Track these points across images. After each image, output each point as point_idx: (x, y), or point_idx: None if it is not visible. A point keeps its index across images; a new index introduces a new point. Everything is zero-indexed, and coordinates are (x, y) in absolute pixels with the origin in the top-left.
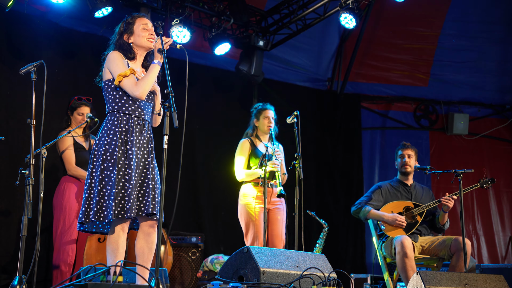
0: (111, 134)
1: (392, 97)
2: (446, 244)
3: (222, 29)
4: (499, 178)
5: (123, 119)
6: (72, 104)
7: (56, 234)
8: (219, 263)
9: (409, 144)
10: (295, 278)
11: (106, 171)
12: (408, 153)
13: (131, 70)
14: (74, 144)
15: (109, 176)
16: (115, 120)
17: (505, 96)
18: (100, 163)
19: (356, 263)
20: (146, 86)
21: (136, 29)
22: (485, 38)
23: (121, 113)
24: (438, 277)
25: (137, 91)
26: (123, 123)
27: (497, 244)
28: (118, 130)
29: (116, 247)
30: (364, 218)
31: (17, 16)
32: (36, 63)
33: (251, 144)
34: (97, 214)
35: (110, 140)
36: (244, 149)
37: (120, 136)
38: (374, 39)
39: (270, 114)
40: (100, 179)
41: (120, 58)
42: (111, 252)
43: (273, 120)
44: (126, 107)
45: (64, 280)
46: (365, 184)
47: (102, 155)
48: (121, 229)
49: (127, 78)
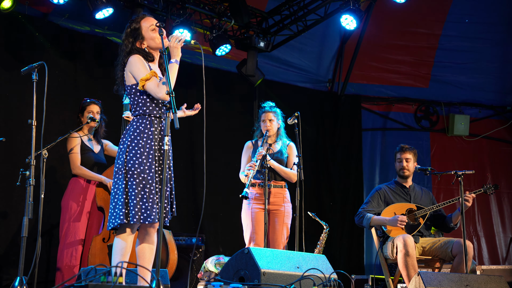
0: (144, 138)
1: (392, 98)
2: (448, 246)
3: (222, 30)
4: (499, 180)
5: (145, 122)
6: (82, 104)
7: (61, 235)
8: (219, 264)
9: (408, 147)
10: (295, 279)
11: (144, 174)
12: (406, 156)
13: (152, 72)
14: (81, 145)
15: (146, 180)
16: (147, 123)
17: (506, 97)
18: (134, 167)
19: (354, 264)
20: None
21: (145, 33)
22: (486, 39)
23: (152, 117)
24: (439, 278)
25: (161, 93)
26: (147, 127)
27: (497, 245)
28: (149, 133)
29: (124, 246)
30: (368, 226)
31: (18, 17)
32: (37, 64)
33: (254, 145)
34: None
35: (134, 145)
36: (245, 151)
37: (146, 141)
38: (374, 40)
39: (266, 117)
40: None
41: (141, 61)
42: (118, 251)
43: (271, 123)
44: (149, 109)
45: (64, 281)
46: (365, 185)
47: (136, 158)
48: (131, 229)
49: (150, 81)
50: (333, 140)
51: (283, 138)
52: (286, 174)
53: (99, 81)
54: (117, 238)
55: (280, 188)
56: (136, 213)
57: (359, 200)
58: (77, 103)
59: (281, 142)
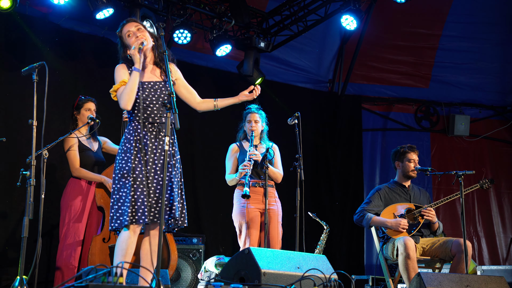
0: (127, 143)
1: (393, 99)
2: (447, 246)
3: (223, 31)
4: (500, 180)
5: (137, 127)
6: (78, 101)
7: (61, 235)
8: (220, 264)
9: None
10: (296, 280)
11: (122, 179)
12: (415, 158)
13: (121, 82)
14: (79, 145)
15: (125, 184)
16: (131, 129)
17: (506, 98)
18: (117, 171)
19: (354, 264)
20: (126, 97)
21: (125, 41)
22: (486, 39)
23: (136, 122)
24: (439, 278)
25: (121, 104)
26: (137, 131)
27: (498, 245)
28: (133, 139)
29: (125, 247)
30: (368, 226)
31: (18, 18)
32: (37, 64)
33: (240, 147)
34: (117, 221)
35: (126, 149)
36: (230, 153)
37: (136, 144)
38: (375, 40)
39: (252, 117)
40: (118, 187)
41: (121, 70)
42: (119, 252)
43: (257, 124)
44: (139, 116)
45: (64, 282)
46: (365, 186)
47: (119, 164)
48: (132, 230)
49: (117, 91)
50: (333, 141)
51: (266, 141)
52: (275, 174)
53: (99, 81)
54: (118, 238)
55: (272, 187)
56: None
57: (359, 200)
58: None
59: (264, 144)
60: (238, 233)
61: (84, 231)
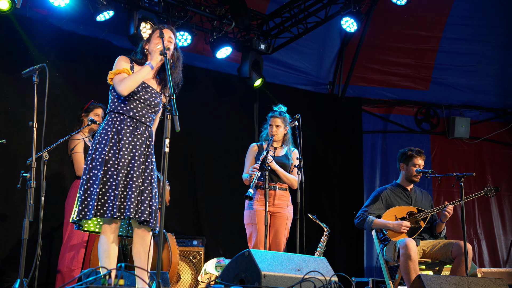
0: (103, 134)
1: (393, 101)
2: (447, 248)
3: (223, 33)
4: (500, 182)
5: (117, 119)
6: (89, 105)
7: (65, 237)
8: (220, 266)
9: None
10: (296, 282)
11: (94, 170)
12: (421, 163)
13: (124, 69)
14: (84, 146)
15: (96, 175)
16: (110, 121)
17: (506, 100)
18: (89, 162)
19: (354, 267)
20: (130, 83)
21: (153, 38)
22: (486, 41)
23: (116, 113)
24: (440, 280)
25: (120, 87)
26: (116, 123)
27: (498, 248)
28: (111, 130)
29: (107, 248)
30: (369, 228)
31: (18, 19)
32: (38, 66)
33: (260, 147)
34: (81, 213)
35: (101, 140)
36: (249, 153)
37: (113, 136)
38: (375, 43)
39: (274, 122)
40: (88, 178)
41: (123, 60)
42: (102, 253)
43: (278, 129)
44: (121, 107)
45: (64, 284)
46: (366, 188)
47: (91, 154)
48: (109, 230)
49: (118, 75)
50: (333, 143)
51: (289, 145)
52: (288, 179)
53: (99, 83)
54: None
55: (284, 191)
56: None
57: (360, 203)
58: (78, 105)
59: (287, 148)
60: (248, 235)
61: (88, 233)
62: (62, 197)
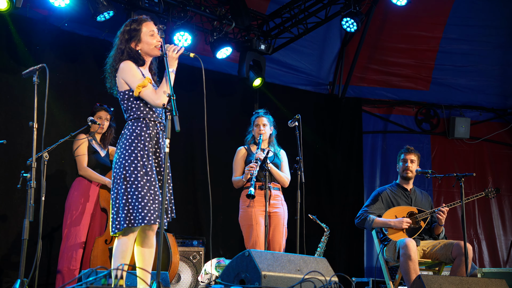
0: (138, 141)
1: (393, 101)
2: (448, 248)
3: (223, 33)
4: (500, 183)
5: (149, 125)
6: (94, 108)
7: (63, 237)
8: (220, 266)
9: (413, 149)
10: (296, 282)
11: (146, 176)
12: (411, 158)
13: (148, 79)
14: (88, 146)
15: (149, 181)
16: (143, 127)
17: (506, 100)
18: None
19: (354, 267)
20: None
21: (143, 36)
22: (486, 42)
23: (147, 120)
24: (440, 281)
25: (158, 100)
26: (149, 129)
27: (498, 248)
28: (144, 137)
29: (125, 249)
30: (370, 228)
31: (18, 20)
32: (38, 66)
33: (248, 150)
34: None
35: (136, 147)
36: (238, 157)
37: (151, 142)
38: (375, 43)
39: (260, 121)
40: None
41: (135, 67)
42: (119, 254)
43: (265, 127)
44: (151, 114)
45: (65, 284)
46: (366, 188)
47: (131, 162)
48: (132, 233)
49: (146, 88)
50: (333, 143)
51: (275, 145)
52: (281, 178)
53: (99, 84)
54: (119, 240)
55: (278, 190)
56: (143, 216)
57: (360, 203)
58: (78, 105)
59: (273, 149)
60: (245, 237)
61: (86, 233)
62: (62, 197)
